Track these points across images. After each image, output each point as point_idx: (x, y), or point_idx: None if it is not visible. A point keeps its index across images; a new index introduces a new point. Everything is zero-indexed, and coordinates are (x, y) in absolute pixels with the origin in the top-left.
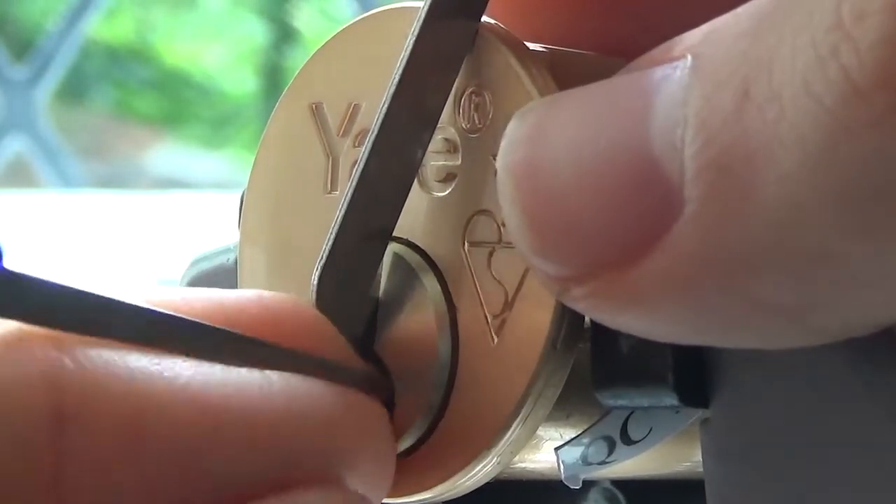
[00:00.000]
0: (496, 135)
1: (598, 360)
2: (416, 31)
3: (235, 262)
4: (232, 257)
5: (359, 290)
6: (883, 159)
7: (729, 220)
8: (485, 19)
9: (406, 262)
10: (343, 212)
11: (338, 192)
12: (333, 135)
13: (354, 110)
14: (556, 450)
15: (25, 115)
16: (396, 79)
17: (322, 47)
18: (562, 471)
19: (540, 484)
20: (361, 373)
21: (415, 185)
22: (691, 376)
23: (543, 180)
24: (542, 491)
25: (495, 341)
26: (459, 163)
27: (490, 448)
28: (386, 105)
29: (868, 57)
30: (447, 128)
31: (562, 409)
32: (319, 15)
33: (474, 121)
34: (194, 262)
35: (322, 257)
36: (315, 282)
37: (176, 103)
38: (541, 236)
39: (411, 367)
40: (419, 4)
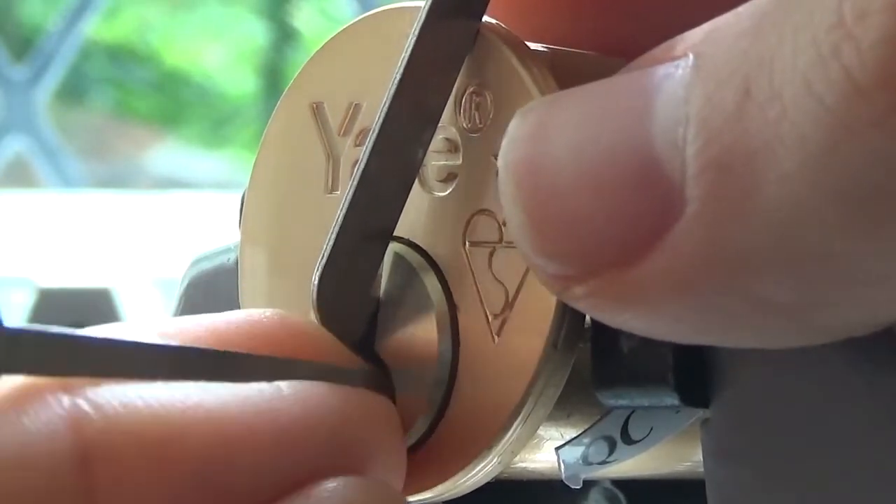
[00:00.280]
0: (497, 134)
1: (599, 360)
2: (416, 31)
3: (236, 262)
4: (232, 257)
5: (359, 289)
6: (884, 159)
7: (730, 219)
8: (486, 19)
9: (407, 261)
10: (344, 211)
11: (338, 192)
12: (334, 134)
13: (355, 110)
14: (557, 449)
15: (25, 115)
16: (397, 78)
17: (322, 47)
18: (562, 470)
19: (540, 484)
20: (362, 373)
21: (416, 185)
22: (692, 376)
23: (545, 179)
24: (542, 491)
25: (496, 341)
26: (460, 162)
27: (490, 448)
28: (387, 105)
29: (869, 56)
30: (448, 127)
31: (562, 409)
32: (319, 15)
33: (475, 120)
34: (194, 262)
35: (322, 257)
36: (315, 282)
37: (176, 103)
38: (542, 235)
39: (412, 367)
40: (419, 4)
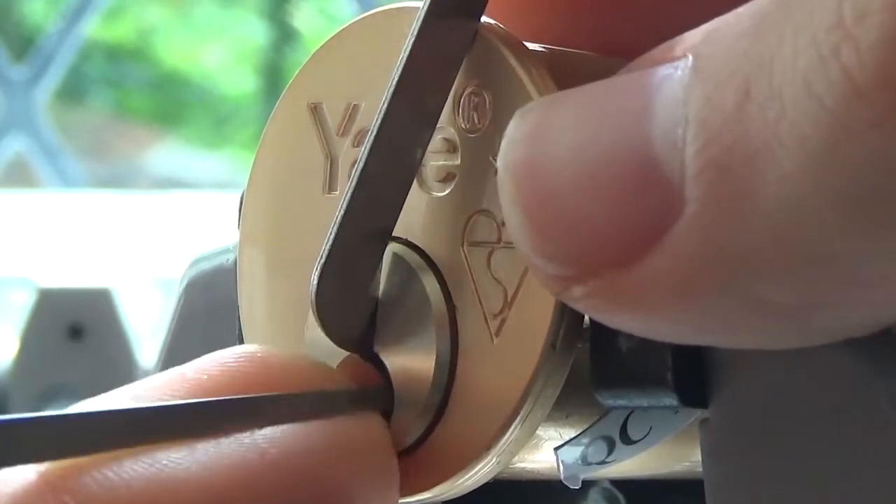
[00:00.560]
0: (496, 135)
1: (598, 360)
2: (415, 31)
3: (235, 263)
4: (231, 257)
5: (358, 289)
6: (883, 159)
7: (729, 220)
8: (484, 19)
9: (406, 262)
10: (342, 212)
11: (337, 192)
12: (333, 134)
13: (354, 110)
14: (556, 450)
15: (25, 115)
16: (396, 78)
17: (322, 47)
18: (561, 471)
19: (539, 484)
20: (348, 394)
21: (414, 185)
22: (691, 376)
23: (544, 179)
24: (541, 491)
25: (495, 341)
26: (459, 163)
27: (489, 448)
28: (385, 105)
29: (869, 56)
30: (447, 128)
31: (561, 409)
32: (319, 15)
33: (474, 121)
34: (194, 262)
35: (322, 257)
36: (315, 282)
37: (175, 104)
38: (541, 235)
39: (411, 367)
40: (419, 4)
